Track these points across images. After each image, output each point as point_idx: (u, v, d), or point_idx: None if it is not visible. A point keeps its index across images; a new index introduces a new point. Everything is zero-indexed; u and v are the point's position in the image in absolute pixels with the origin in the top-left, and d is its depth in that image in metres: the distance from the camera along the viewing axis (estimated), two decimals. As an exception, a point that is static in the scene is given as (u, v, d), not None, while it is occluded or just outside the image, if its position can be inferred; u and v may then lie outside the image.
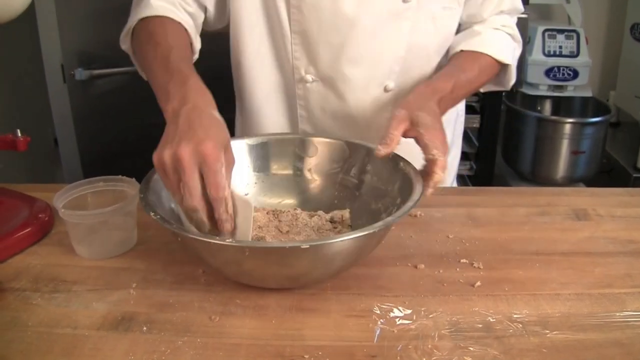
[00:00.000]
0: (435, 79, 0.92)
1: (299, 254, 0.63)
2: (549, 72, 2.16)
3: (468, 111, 2.11)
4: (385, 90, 0.98)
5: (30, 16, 1.57)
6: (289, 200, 0.89)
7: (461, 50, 0.98)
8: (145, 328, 0.66)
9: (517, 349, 0.62)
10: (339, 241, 0.64)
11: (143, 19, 0.87)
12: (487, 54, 0.97)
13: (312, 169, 0.90)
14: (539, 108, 2.32)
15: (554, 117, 2.18)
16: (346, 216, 0.84)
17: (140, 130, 1.86)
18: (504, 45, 1.00)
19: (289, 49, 0.95)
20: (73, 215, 0.79)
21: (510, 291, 0.72)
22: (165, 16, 0.88)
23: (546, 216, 0.92)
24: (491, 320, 0.67)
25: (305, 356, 0.61)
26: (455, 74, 0.92)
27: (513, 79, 1.03)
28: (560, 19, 2.37)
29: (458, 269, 0.77)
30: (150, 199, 0.71)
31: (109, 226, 0.81)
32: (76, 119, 1.73)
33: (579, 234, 0.87)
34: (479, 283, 0.74)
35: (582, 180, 2.17)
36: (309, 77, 0.96)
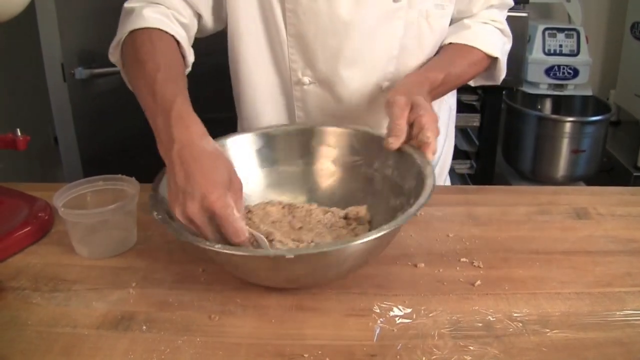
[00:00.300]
0: (426, 69, 0.92)
1: (293, 261, 0.62)
2: (549, 71, 2.15)
3: (468, 110, 2.12)
4: (382, 90, 0.98)
5: (30, 15, 1.57)
6: (302, 195, 0.88)
7: (450, 43, 0.98)
8: (144, 327, 0.66)
9: (517, 348, 0.62)
10: (325, 251, 0.63)
11: (133, 31, 0.85)
12: (477, 47, 0.97)
13: (335, 160, 0.88)
14: (539, 107, 2.32)
15: (554, 116, 2.18)
16: (362, 213, 0.82)
17: (140, 130, 1.85)
18: (493, 39, 1.00)
19: (286, 52, 0.95)
20: (73, 215, 0.79)
21: (510, 290, 0.72)
22: (156, 28, 0.85)
23: (546, 215, 0.92)
24: (491, 319, 0.67)
25: (305, 355, 0.61)
26: (445, 66, 0.93)
27: (503, 73, 1.03)
28: (561, 18, 2.37)
29: (458, 267, 0.77)
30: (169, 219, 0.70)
31: (108, 225, 0.81)
32: (76, 118, 1.73)
33: (579, 233, 0.86)
34: (479, 282, 0.74)
35: (583, 179, 2.17)
36: (306, 80, 0.96)
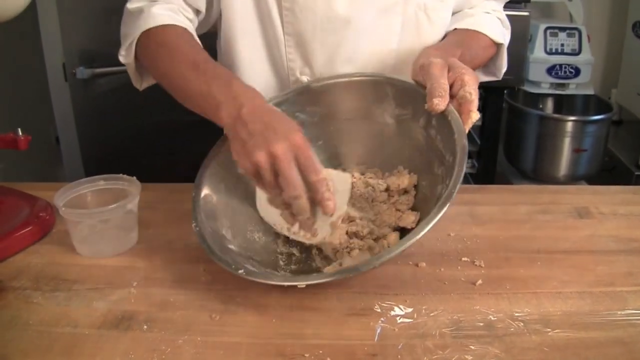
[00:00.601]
0: (442, 45, 0.90)
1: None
2: (550, 70, 2.15)
3: (470, 109, 2.11)
4: None
5: (31, 15, 1.57)
6: (348, 151, 0.83)
7: (455, 29, 0.97)
8: (145, 327, 0.66)
9: (519, 348, 0.62)
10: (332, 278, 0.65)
11: (147, 31, 0.85)
12: (483, 33, 0.96)
13: (383, 112, 0.83)
14: (540, 106, 2.32)
15: (556, 115, 2.17)
16: (404, 184, 0.79)
17: (142, 129, 1.86)
18: (496, 26, 0.99)
19: (283, 51, 0.94)
20: (73, 214, 0.79)
21: (511, 289, 0.72)
22: (171, 24, 0.85)
23: (548, 214, 0.92)
24: (492, 318, 0.67)
25: (306, 355, 0.61)
26: (459, 46, 0.90)
27: (504, 65, 1.02)
28: (562, 17, 2.37)
29: (459, 267, 0.77)
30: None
31: (109, 225, 0.81)
32: (78, 117, 1.74)
33: (580, 232, 0.86)
34: (480, 281, 0.74)
35: (584, 179, 2.17)
36: (305, 78, 0.95)
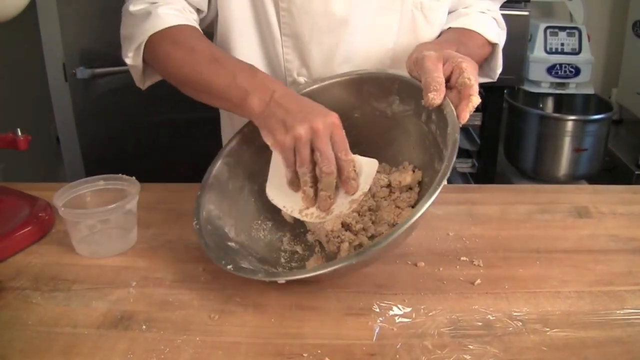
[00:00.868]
0: (437, 41, 0.90)
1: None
2: (550, 70, 2.15)
3: (470, 109, 2.11)
4: None
5: (31, 15, 1.58)
6: (356, 150, 0.81)
7: (450, 28, 0.96)
8: (144, 327, 0.66)
9: (517, 347, 0.62)
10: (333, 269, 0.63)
11: (158, 32, 0.84)
12: (477, 32, 0.95)
13: (386, 108, 0.83)
14: (541, 105, 2.32)
15: (556, 115, 2.17)
16: (406, 181, 0.80)
17: (142, 129, 1.86)
18: (491, 26, 0.98)
19: (280, 52, 0.94)
20: (73, 214, 0.79)
21: (510, 289, 0.72)
22: (182, 24, 0.85)
23: (547, 214, 0.92)
24: (491, 318, 0.67)
25: (305, 354, 0.61)
26: (455, 43, 0.89)
27: (499, 66, 1.01)
28: (562, 16, 2.37)
29: (458, 266, 0.77)
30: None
31: (109, 225, 0.81)
32: (78, 117, 1.74)
33: (580, 232, 0.86)
34: (479, 281, 0.74)
35: (584, 178, 2.17)
36: (302, 79, 0.95)
